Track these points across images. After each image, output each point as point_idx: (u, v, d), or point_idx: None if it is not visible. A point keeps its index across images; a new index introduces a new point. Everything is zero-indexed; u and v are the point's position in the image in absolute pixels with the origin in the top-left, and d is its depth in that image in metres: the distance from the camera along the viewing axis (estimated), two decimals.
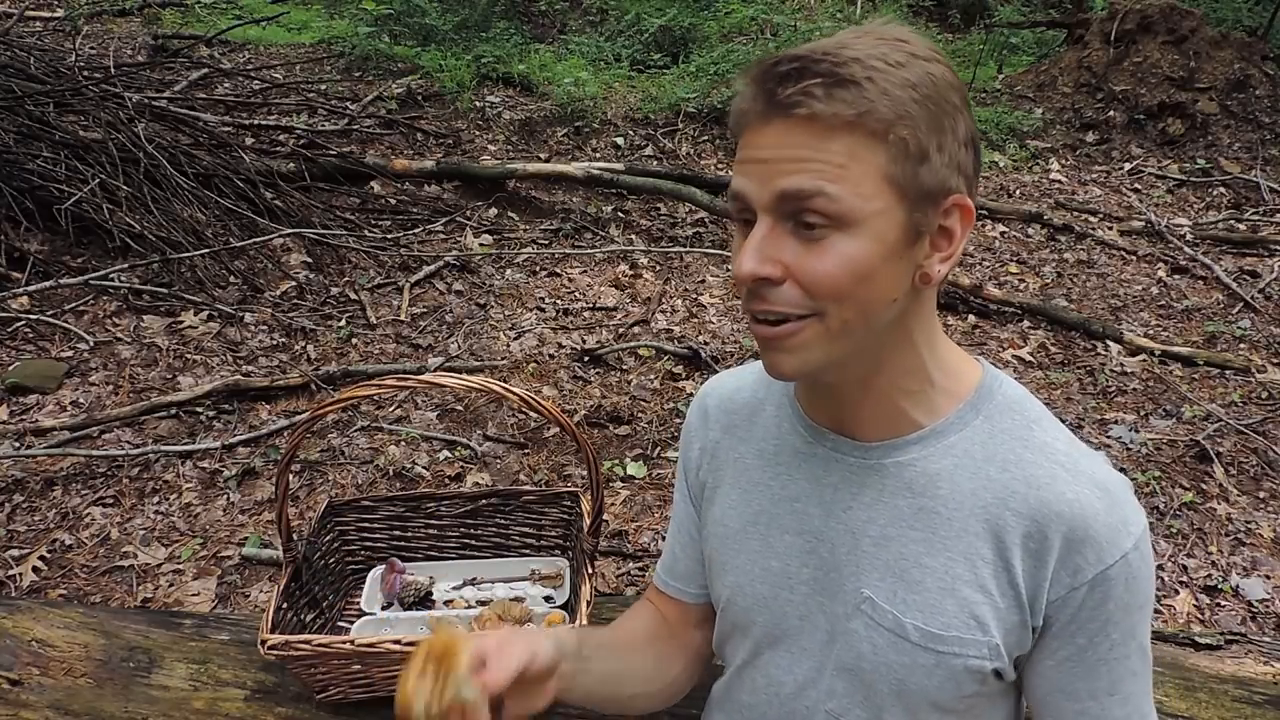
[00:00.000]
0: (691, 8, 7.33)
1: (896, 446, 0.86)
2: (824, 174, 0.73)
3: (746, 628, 0.97)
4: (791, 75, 0.73)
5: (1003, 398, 0.87)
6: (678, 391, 3.45)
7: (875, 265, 0.75)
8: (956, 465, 0.84)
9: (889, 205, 0.74)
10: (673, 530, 1.10)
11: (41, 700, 1.28)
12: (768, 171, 0.75)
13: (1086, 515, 0.79)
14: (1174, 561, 2.63)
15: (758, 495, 0.95)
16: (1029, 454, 0.83)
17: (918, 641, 0.83)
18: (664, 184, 5.02)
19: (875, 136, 0.73)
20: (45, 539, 2.61)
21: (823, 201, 0.73)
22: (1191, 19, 6.50)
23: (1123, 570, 0.79)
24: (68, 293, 3.75)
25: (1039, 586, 0.81)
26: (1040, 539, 0.80)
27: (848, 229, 0.74)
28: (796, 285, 0.75)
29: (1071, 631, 0.82)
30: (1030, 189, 5.70)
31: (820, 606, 0.90)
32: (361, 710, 1.27)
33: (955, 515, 0.83)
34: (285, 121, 5.38)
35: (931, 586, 0.83)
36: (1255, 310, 4.24)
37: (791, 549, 0.92)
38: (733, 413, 1.01)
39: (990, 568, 0.82)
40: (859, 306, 0.76)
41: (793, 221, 0.75)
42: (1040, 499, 0.81)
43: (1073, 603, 0.81)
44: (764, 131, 0.75)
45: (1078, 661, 0.83)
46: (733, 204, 0.79)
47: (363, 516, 1.59)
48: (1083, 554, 0.79)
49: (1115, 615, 0.81)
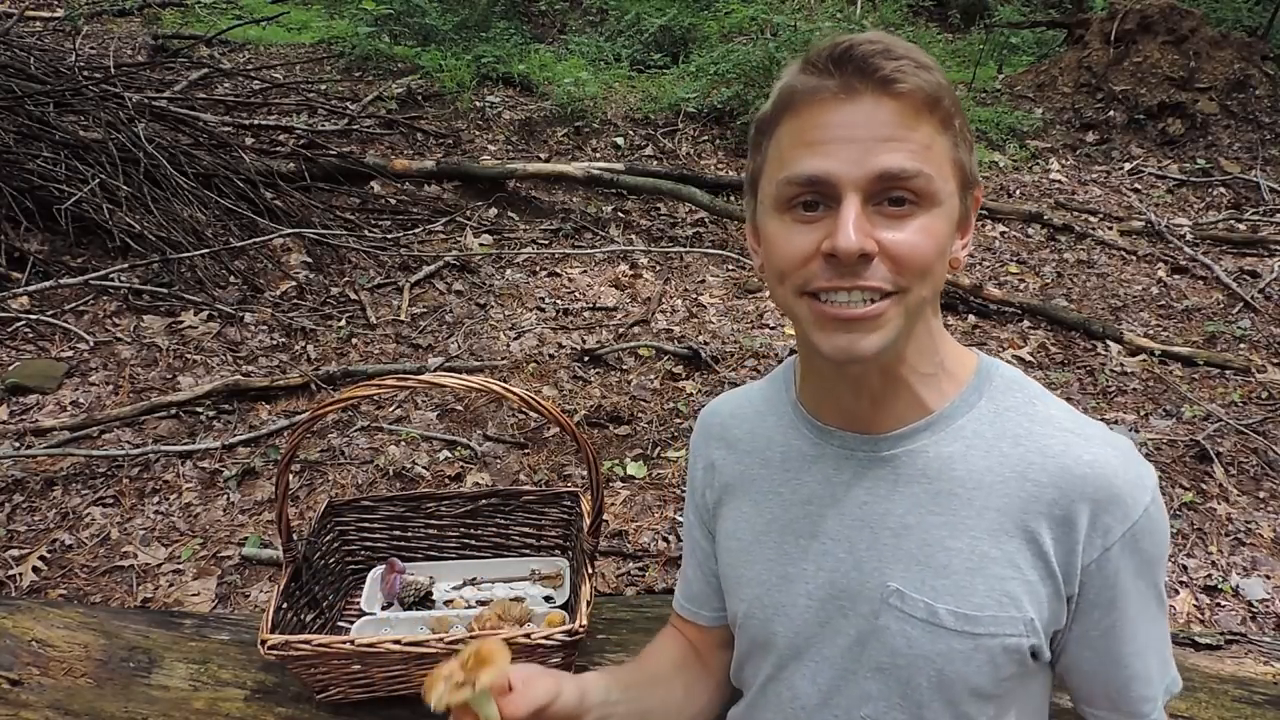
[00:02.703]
0: (691, 8, 7.33)
1: (906, 436, 0.86)
2: (918, 154, 0.75)
3: (766, 643, 0.95)
4: (883, 53, 0.75)
5: (1001, 378, 0.88)
6: (678, 391, 3.45)
7: (948, 243, 0.79)
8: (968, 446, 0.85)
9: (955, 188, 0.79)
10: (686, 554, 1.10)
11: (41, 700, 1.28)
12: (861, 150, 0.75)
13: (1107, 474, 0.80)
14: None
15: (769, 504, 0.94)
16: (1037, 426, 0.84)
17: (953, 626, 0.83)
18: (664, 184, 5.01)
19: (946, 121, 0.77)
20: (45, 539, 2.61)
21: (921, 181, 0.75)
22: (1191, 19, 6.50)
23: (1146, 524, 0.81)
24: (68, 293, 3.75)
25: (1071, 553, 0.81)
26: (1066, 505, 0.81)
27: (932, 208, 0.77)
28: (887, 261, 0.76)
29: (1110, 597, 0.83)
30: (1030, 189, 5.69)
31: (841, 610, 0.89)
32: (361, 710, 1.27)
33: (975, 495, 0.83)
34: (285, 121, 5.38)
35: (959, 568, 0.83)
36: (1255, 310, 4.24)
37: (807, 554, 0.91)
38: (734, 428, 1.00)
39: (1016, 542, 0.82)
40: (934, 283, 0.79)
41: (879, 200, 0.76)
42: (1060, 465, 0.81)
43: (1107, 565, 0.81)
44: (849, 108, 0.75)
45: (1119, 625, 0.84)
46: (796, 188, 0.77)
47: (363, 516, 1.59)
48: (1111, 513, 0.80)
49: (1143, 570, 0.82)
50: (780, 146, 0.80)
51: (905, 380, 0.85)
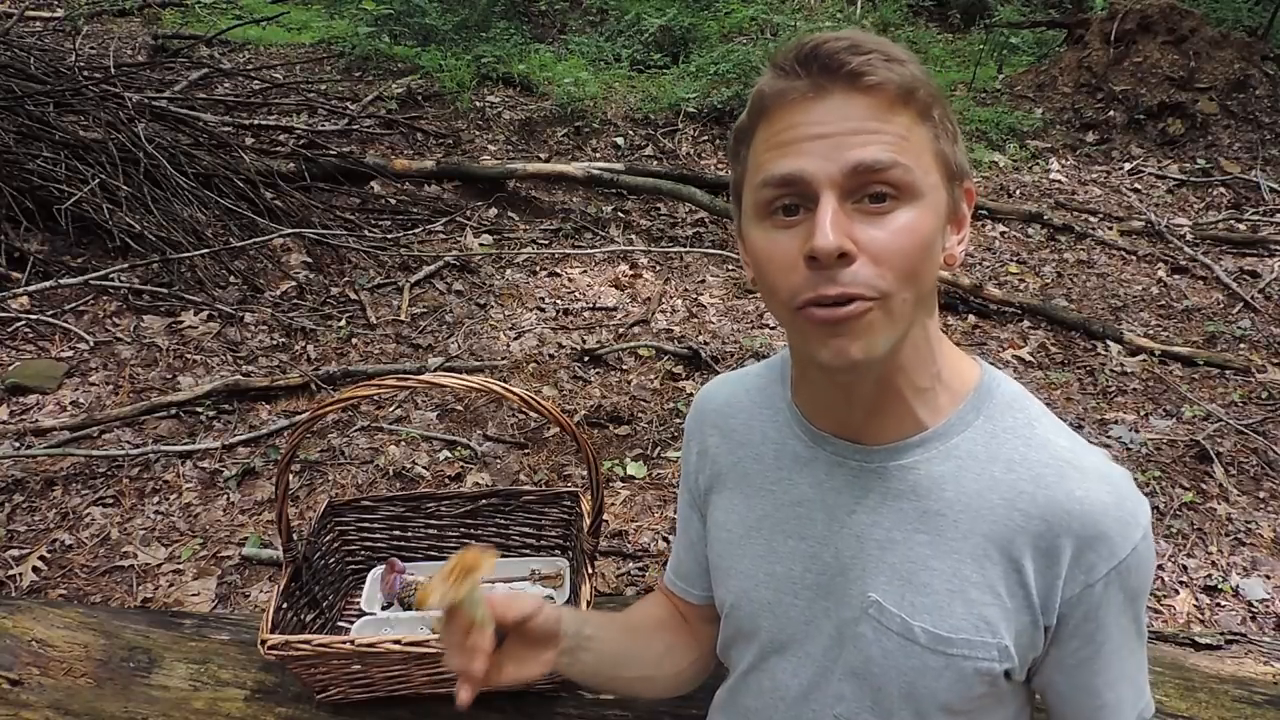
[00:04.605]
0: (691, 8, 7.33)
1: (899, 450, 0.86)
2: (893, 145, 0.73)
3: (751, 633, 0.96)
4: (849, 49, 0.74)
5: (1002, 396, 0.87)
6: (678, 391, 3.45)
7: (935, 239, 0.77)
8: (960, 467, 0.84)
9: (939, 180, 0.77)
10: (679, 532, 1.11)
11: (41, 700, 1.28)
12: (833, 145, 0.73)
13: (1096, 513, 0.79)
14: (1174, 561, 2.63)
15: (760, 501, 0.95)
16: (1032, 452, 0.83)
17: (926, 644, 0.83)
18: (664, 184, 5.01)
19: (923, 113, 0.76)
20: (45, 539, 2.61)
21: (898, 173, 0.73)
22: (1191, 19, 6.50)
23: (1134, 561, 0.80)
24: (68, 293, 3.75)
25: (1051, 586, 0.81)
26: (1051, 539, 0.80)
27: (914, 201, 0.75)
28: (869, 262, 0.73)
29: (1090, 630, 0.82)
30: (1030, 189, 5.69)
31: (825, 611, 0.90)
32: (361, 710, 1.27)
33: (961, 518, 0.83)
34: (285, 121, 5.38)
35: (939, 589, 0.83)
36: (1255, 310, 4.24)
37: (795, 554, 0.91)
38: (730, 417, 1.00)
39: (999, 569, 0.82)
40: (920, 284, 0.77)
41: (857, 197, 0.74)
42: (1049, 498, 0.80)
43: (1089, 600, 0.81)
44: (818, 106, 0.74)
45: (1097, 657, 0.84)
46: (772, 191, 0.76)
47: (363, 516, 1.59)
48: (1096, 551, 0.79)
49: (1126, 605, 0.82)
50: (756, 153, 0.79)
51: (901, 393, 0.84)
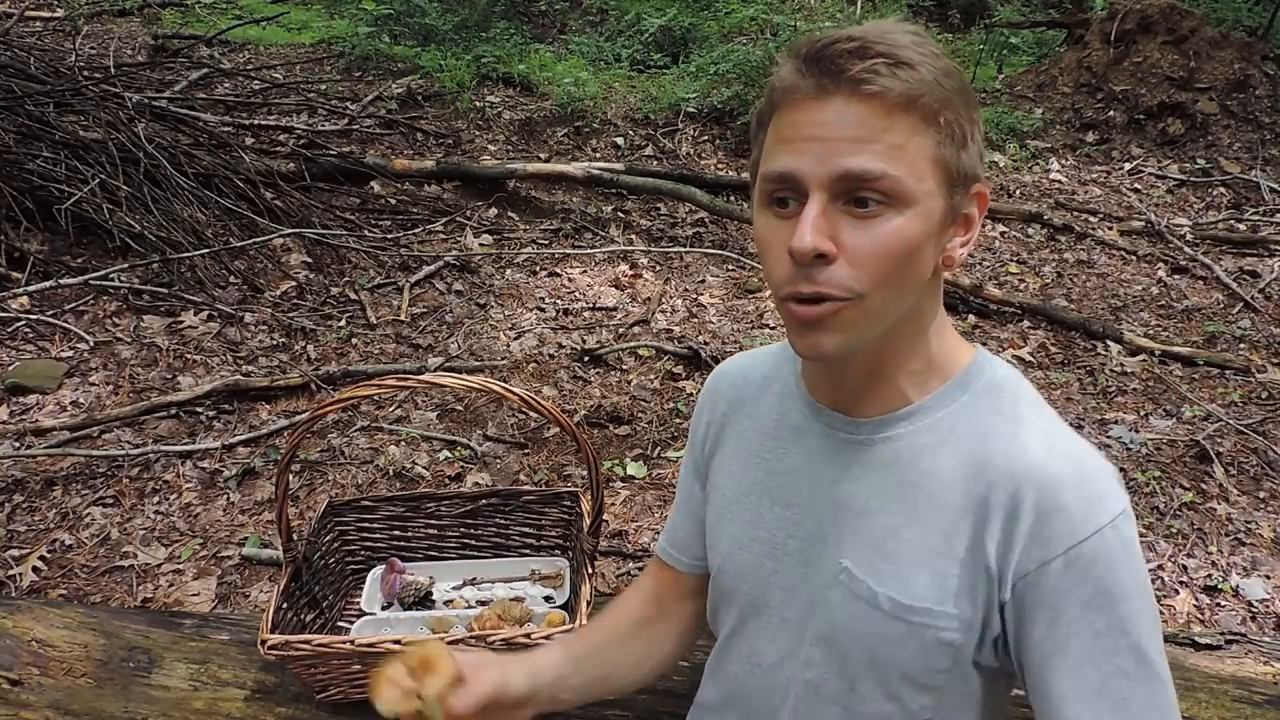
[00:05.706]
0: (691, 8, 7.33)
1: (886, 423, 0.88)
2: (885, 154, 0.74)
3: (732, 595, 0.99)
4: (855, 53, 0.74)
5: (991, 377, 0.88)
6: (678, 391, 3.45)
7: (921, 245, 0.78)
8: (940, 441, 0.85)
9: (935, 187, 0.77)
10: (677, 501, 1.14)
11: (41, 700, 1.28)
12: (827, 150, 0.75)
13: (1055, 485, 0.79)
14: (1174, 561, 2.63)
15: (754, 467, 0.98)
16: (1007, 427, 0.84)
17: (890, 611, 0.84)
18: (664, 184, 5.01)
19: (928, 119, 0.76)
20: (45, 539, 2.61)
21: (887, 183, 0.75)
22: (1191, 19, 6.50)
23: (1099, 548, 0.77)
24: (68, 293, 3.75)
25: (1006, 556, 0.80)
26: (1012, 505, 0.80)
27: (902, 208, 0.76)
28: (847, 264, 0.76)
29: (1049, 618, 0.79)
30: (1030, 189, 5.69)
31: (803, 578, 0.92)
32: (361, 710, 1.27)
33: (936, 490, 0.84)
34: (285, 121, 5.38)
35: (906, 558, 0.85)
36: (1255, 310, 4.24)
37: (780, 521, 0.94)
38: (742, 389, 1.04)
39: (965, 540, 0.83)
40: (900, 287, 0.78)
41: (845, 199, 0.76)
42: (1010, 463, 0.81)
43: (1046, 580, 0.78)
44: (820, 109, 0.76)
45: (1062, 655, 0.79)
46: (771, 184, 0.79)
47: (363, 516, 1.59)
48: (1052, 525, 0.78)
49: (1096, 601, 0.78)
50: (766, 143, 0.82)
51: (891, 375, 0.87)
